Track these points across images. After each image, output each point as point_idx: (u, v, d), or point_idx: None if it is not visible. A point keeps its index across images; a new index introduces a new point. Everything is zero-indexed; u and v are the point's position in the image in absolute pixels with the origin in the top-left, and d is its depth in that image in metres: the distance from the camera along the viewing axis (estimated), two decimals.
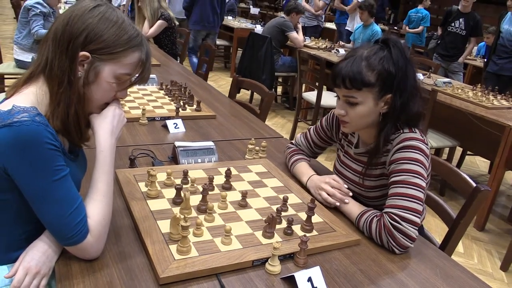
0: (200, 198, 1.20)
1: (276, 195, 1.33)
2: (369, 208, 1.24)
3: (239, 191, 1.30)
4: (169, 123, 1.83)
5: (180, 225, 0.99)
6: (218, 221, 1.15)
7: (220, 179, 1.35)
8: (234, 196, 1.28)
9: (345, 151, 1.45)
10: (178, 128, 1.83)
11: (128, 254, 1.00)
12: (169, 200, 1.22)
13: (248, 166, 1.51)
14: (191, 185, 1.29)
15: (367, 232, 1.18)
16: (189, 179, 1.30)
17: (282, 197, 1.24)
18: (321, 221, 1.21)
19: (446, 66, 5.03)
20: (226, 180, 1.33)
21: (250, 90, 4.87)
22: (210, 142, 1.58)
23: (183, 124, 1.86)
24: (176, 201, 1.20)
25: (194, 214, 1.17)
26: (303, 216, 1.18)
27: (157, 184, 1.26)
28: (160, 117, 1.93)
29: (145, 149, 1.57)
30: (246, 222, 1.16)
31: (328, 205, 1.30)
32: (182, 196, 1.18)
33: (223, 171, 1.36)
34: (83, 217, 0.92)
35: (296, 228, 1.15)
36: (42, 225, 0.93)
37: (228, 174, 1.33)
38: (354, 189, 1.38)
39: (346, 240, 1.14)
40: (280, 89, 5.71)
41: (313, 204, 1.15)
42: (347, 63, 1.21)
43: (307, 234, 1.10)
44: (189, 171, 1.35)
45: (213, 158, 1.54)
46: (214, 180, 1.31)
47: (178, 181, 1.31)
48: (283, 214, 1.20)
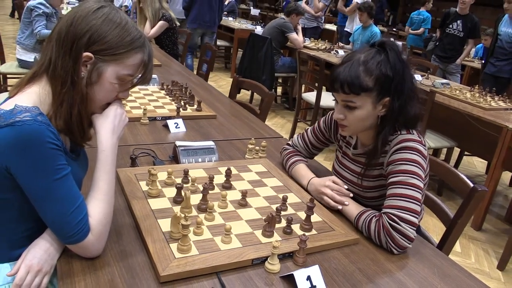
0: (201, 197, 1.20)
1: (276, 195, 1.34)
2: (368, 209, 1.25)
3: (239, 191, 1.31)
4: (170, 123, 1.84)
5: (181, 224, 0.99)
6: (218, 220, 1.16)
7: (220, 179, 1.36)
8: (234, 195, 1.29)
9: (344, 152, 1.46)
10: (179, 128, 1.84)
11: (129, 253, 1.01)
12: (170, 199, 1.22)
13: (248, 166, 1.52)
14: (192, 184, 1.30)
15: (366, 232, 1.19)
16: (190, 178, 1.31)
17: (282, 197, 1.25)
18: (320, 220, 1.22)
19: (444, 68, 5.04)
20: (226, 180, 1.34)
21: (250, 91, 4.89)
22: (211, 142, 1.59)
23: (184, 124, 1.86)
24: (177, 200, 1.21)
25: (195, 213, 1.17)
26: (302, 216, 1.19)
27: (158, 183, 1.27)
28: (161, 117, 1.93)
29: (146, 149, 1.58)
30: (246, 221, 1.17)
31: (331, 208, 1.31)
32: (183, 195, 1.19)
33: (223, 171, 1.37)
34: (84, 216, 0.93)
35: (296, 227, 1.16)
36: (44, 223, 0.94)
37: (228, 174, 1.34)
38: (353, 190, 1.38)
39: (345, 239, 1.15)
40: (280, 90, 5.72)
41: (312, 204, 1.16)
42: (345, 68, 1.21)
43: (306, 233, 1.11)
44: (190, 171, 1.36)
45: (214, 158, 1.55)
46: (214, 180, 1.32)
47: (179, 180, 1.32)
48: (283, 213, 1.21)
